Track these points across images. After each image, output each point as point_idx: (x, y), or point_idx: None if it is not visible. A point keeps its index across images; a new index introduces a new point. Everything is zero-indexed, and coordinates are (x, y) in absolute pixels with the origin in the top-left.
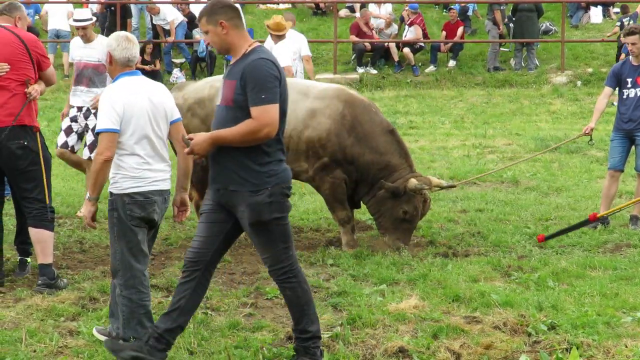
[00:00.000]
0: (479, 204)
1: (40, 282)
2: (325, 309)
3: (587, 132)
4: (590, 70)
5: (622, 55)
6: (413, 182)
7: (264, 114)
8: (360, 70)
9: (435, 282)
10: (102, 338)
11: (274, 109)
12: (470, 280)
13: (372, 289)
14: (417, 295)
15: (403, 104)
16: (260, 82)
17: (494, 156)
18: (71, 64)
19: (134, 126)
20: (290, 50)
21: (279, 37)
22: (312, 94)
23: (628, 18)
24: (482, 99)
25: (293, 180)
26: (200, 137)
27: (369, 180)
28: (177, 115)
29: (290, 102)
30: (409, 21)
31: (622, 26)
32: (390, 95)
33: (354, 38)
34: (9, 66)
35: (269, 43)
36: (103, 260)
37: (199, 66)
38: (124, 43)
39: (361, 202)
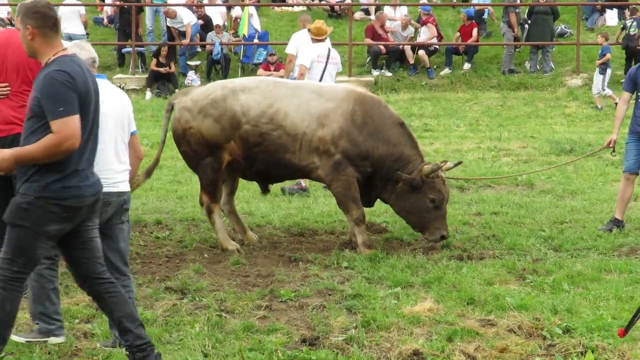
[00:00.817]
0: (494, 206)
1: None
2: (339, 311)
3: (609, 145)
4: None
5: (608, 55)
6: (427, 167)
7: (64, 127)
8: (375, 72)
9: (450, 285)
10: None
11: (73, 121)
12: (485, 283)
13: (386, 292)
14: (432, 298)
15: (418, 107)
16: (55, 95)
17: (509, 159)
18: None
19: (107, 128)
20: (314, 52)
21: (319, 41)
22: (325, 95)
23: (632, 20)
24: (497, 101)
25: (309, 182)
26: (3, 155)
27: (384, 173)
28: (134, 127)
29: (304, 101)
30: (422, 21)
31: (624, 28)
32: (405, 98)
33: (369, 41)
34: (9, 89)
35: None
36: None
37: (214, 69)
38: (86, 45)
39: (374, 203)
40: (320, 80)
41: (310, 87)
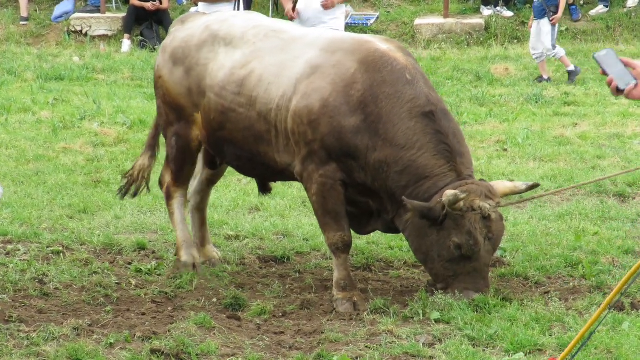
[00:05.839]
0: None
1: None
2: None
3: None
4: None
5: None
6: (449, 193)
7: None
8: (487, 11)
9: (603, 350)
10: None
11: None
12: None
13: None
14: None
15: (554, 66)
16: None
17: None
18: None
19: None
20: None
21: None
22: (320, 43)
23: None
24: None
25: None
26: None
27: (391, 190)
28: None
29: (292, 57)
30: None
31: None
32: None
33: None
34: None
35: None
36: (76, 309)
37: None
38: None
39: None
40: None
41: (313, 37)
